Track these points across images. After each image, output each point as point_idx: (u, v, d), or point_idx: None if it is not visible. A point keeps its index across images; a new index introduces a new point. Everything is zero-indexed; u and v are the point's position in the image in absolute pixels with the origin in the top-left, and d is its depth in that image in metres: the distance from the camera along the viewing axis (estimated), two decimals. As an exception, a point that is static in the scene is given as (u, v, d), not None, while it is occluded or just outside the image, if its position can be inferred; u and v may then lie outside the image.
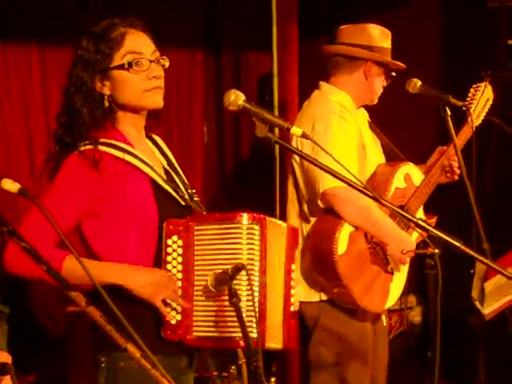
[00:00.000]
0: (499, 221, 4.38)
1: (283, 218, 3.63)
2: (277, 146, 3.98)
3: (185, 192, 2.47)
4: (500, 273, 2.33)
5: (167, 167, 2.50)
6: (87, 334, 2.44)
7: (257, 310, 2.26)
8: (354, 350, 3.44)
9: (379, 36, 3.49)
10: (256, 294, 2.29)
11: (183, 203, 2.43)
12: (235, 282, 2.22)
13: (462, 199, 3.26)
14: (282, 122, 2.25)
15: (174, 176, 2.49)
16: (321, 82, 3.55)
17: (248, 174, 5.22)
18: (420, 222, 2.24)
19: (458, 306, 3.64)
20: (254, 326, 2.26)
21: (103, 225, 2.32)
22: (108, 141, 2.34)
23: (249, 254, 2.31)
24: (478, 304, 3.22)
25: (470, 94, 3.63)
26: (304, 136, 2.26)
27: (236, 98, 2.25)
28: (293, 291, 2.48)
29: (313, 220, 3.42)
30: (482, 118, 3.65)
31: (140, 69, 2.36)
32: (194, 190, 2.51)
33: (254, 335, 2.25)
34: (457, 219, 3.49)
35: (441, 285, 2.32)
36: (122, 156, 2.33)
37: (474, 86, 3.65)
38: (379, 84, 3.51)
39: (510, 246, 3.38)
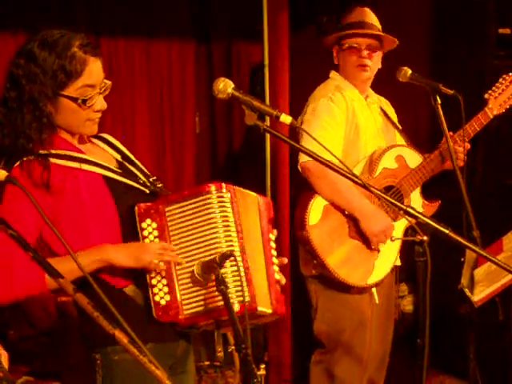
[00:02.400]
0: (489, 211, 4.39)
1: (274, 205, 3.66)
2: (268, 135, 3.99)
3: (146, 180, 2.48)
4: (489, 259, 2.33)
5: (122, 161, 2.51)
6: (77, 327, 2.44)
7: (242, 274, 2.27)
8: (349, 340, 3.49)
9: (345, 17, 3.60)
10: (239, 258, 2.29)
11: (147, 191, 2.45)
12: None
13: (453, 186, 3.28)
14: (270, 109, 2.25)
15: (131, 168, 2.51)
16: (331, 71, 3.68)
17: (240, 164, 5.21)
18: (409, 208, 2.24)
19: (447, 293, 3.64)
20: (245, 289, 2.27)
21: (62, 228, 2.29)
22: (48, 151, 2.33)
23: (223, 221, 2.32)
24: (467, 291, 3.22)
25: (497, 84, 3.62)
26: (292, 124, 2.27)
27: (225, 86, 2.25)
28: (275, 260, 2.49)
29: None
30: (506, 107, 3.62)
31: (90, 103, 2.34)
32: (155, 177, 2.53)
33: (247, 299, 2.26)
34: (447, 207, 3.50)
35: (430, 271, 2.32)
36: (65, 163, 2.33)
37: (505, 75, 3.63)
38: (347, 60, 3.58)
39: (499, 234, 3.38)
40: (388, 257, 3.49)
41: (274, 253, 2.50)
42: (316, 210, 3.38)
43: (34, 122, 2.29)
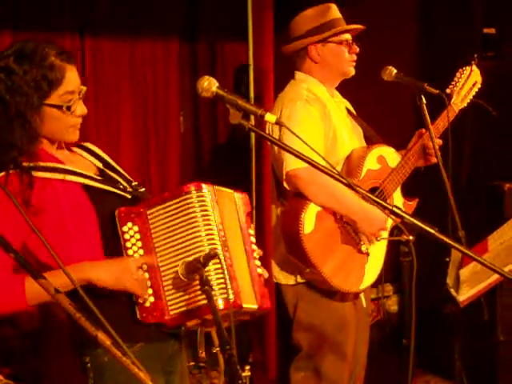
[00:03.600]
0: (475, 207, 4.40)
1: (259, 205, 3.64)
2: (252, 134, 3.97)
3: (127, 186, 2.49)
4: (474, 259, 2.33)
5: (103, 168, 2.52)
6: (62, 328, 2.43)
7: (225, 272, 2.27)
8: (332, 339, 3.47)
9: (314, 16, 3.52)
10: (222, 257, 2.28)
11: (129, 196, 2.45)
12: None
13: (438, 187, 3.27)
14: (255, 108, 2.24)
15: (113, 174, 2.52)
16: (295, 71, 3.62)
17: (224, 163, 5.19)
18: (394, 208, 2.23)
19: (433, 293, 3.64)
20: (229, 287, 2.27)
21: (45, 238, 2.24)
22: (34, 164, 2.33)
23: (204, 220, 2.32)
24: (453, 291, 3.22)
25: (455, 78, 3.63)
26: (278, 123, 2.26)
27: (209, 85, 2.25)
28: (256, 254, 2.49)
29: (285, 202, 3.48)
30: (467, 101, 3.64)
31: (73, 109, 2.37)
32: (137, 183, 2.54)
33: (231, 296, 2.26)
34: (432, 207, 3.49)
35: (416, 271, 2.31)
36: (50, 176, 2.33)
37: (460, 69, 3.65)
38: (338, 58, 3.52)
39: (484, 234, 3.39)
40: (377, 260, 3.47)
41: (255, 247, 2.50)
42: (309, 217, 3.29)
43: (24, 135, 2.31)
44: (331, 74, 3.56)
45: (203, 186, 2.35)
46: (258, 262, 2.48)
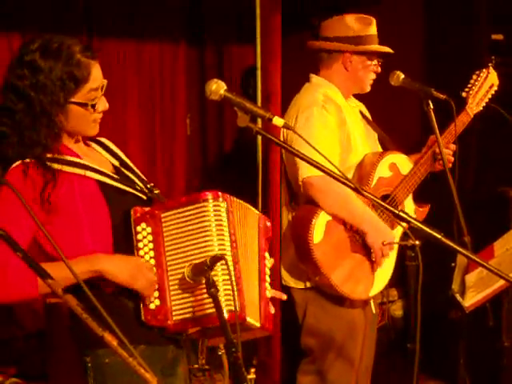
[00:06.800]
0: (480, 213, 4.39)
1: (265, 209, 3.63)
2: (259, 137, 3.97)
3: (143, 186, 2.49)
4: (481, 265, 2.33)
5: (119, 166, 2.52)
6: (67, 328, 2.43)
7: (234, 283, 2.27)
8: (340, 345, 3.47)
9: (357, 25, 3.49)
10: (231, 267, 2.29)
11: (144, 197, 2.45)
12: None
13: (444, 192, 3.27)
14: (263, 112, 2.25)
15: (128, 173, 2.51)
16: (311, 75, 3.61)
17: (231, 166, 5.20)
18: (401, 213, 2.23)
19: (438, 298, 3.64)
20: (236, 298, 2.26)
21: (56, 233, 2.28)
22: (54, 156, 2.33)
23: (218, 229, 2.32)
24: (458, 297, 3.22)
25: (471, 81, 3.60)
26: (286, 126, 2.27)
27: (217, 88, 2.26)
28: (267, 278, 2.49)
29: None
30: (483, 104, 3.61)
31: (96, 106, 2.38)
32: (153, 184, 2.53)
33: (237, 308, 2.25)
34: (438, 212, 3.49)
35: (421, 275, 2.31)
36: (72, 170, 2.34)
37: (477, 71, 3.62)
38: (364, 72, 3.51)
39: (490, 240, 3.38)
40: (386, 267, 3.47)
41: (268, 271, 2.50)
42: (319, 226, 3.28)
43: (50, 133, 2.31)
44: (352, 85, 3.54)
45: (220, 195, 2.35)
46: (268, 286, 2.49)
